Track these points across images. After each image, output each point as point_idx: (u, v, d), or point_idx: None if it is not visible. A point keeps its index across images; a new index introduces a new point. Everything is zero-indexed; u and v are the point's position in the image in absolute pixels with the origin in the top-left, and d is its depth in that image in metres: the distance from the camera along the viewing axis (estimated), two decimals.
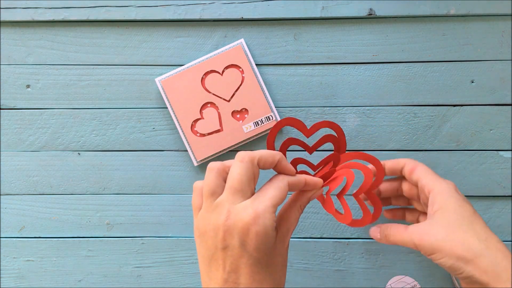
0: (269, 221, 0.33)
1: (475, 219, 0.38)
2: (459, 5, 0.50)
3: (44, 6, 0.51)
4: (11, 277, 0.52)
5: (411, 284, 0.51)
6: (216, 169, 0.35)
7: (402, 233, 0.39)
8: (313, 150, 0.44)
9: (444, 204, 0.38)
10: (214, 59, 0.50)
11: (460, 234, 0.36)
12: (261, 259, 0.33)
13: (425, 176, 0.41)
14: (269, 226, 0.33)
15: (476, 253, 0.35)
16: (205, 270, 0.35)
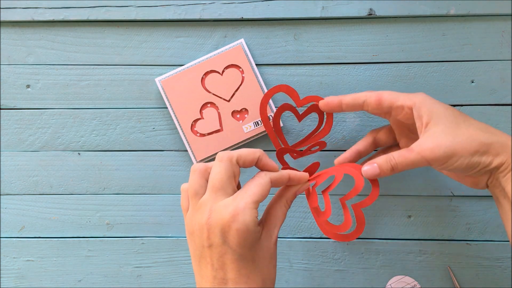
0: (249, 217, 0.33)
1: (465, 116, 0.38)
2: (459, 5, 0.50)
3: (44, 6, 0.51)
4: (11, 277, 0.52)
5: (411, 284, 0.51)
6: (198, 170, 0.37)
7: (408, 155, 0.37)
8: (302, 117, 0.47)
9: (432, 113, 0.38)
10: (214, 59, 0.50)
11: (464, 132, 0.36)
12: (245, 254, 0.34)
13: (397, 97, 0.40)
14: (250, 222, 0.33)
15: (486, 142, 0.36)
16: (197, 269, 0.36)
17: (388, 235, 0.51)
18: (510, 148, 0.36)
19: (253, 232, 0.34)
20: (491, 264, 0.51)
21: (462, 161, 0.36)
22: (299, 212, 0.52)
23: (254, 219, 0.34)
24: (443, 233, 0.51)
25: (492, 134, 0.37)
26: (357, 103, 0.42)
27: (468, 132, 0.37)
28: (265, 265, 0.36)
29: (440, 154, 0.36)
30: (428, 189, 0.51)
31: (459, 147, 0.36)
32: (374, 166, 0.38)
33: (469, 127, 0.37)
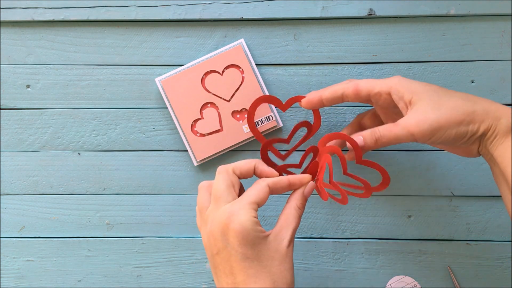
0: (244, 216, 0.34)
1: (445, 89, 0.38)
2: (459, 5, 0.50)
3: (44, 6, 0.51)
4: (11, 277, 0.52)
5: (411, 284, 0.51)
6: (203, 186, 0.40)
7: (393, 129, 0.38)
8: (289, 139, 0.47)
9: (412, 91, 0.38)
10: (214, 59, 0.50)
11: (448, 104, 0.37)
12: (248, 254, 0.35)
13: (373, 85, 0.40)
14: (246, 221, 0.34)
15: (470, 111, 0.36)
16: (216, 280, 0.37)
17: (388, 235, 0.51)
18: (493, 113, 0.36)
19: (252, 231, 0.34)
20: (491, 264, 0.51)
21: (450, 132, 0.36)
22: None
23: (251, 218, 0.35)
24: (443, 233, 0.51)
25: (475, 102, 0.37)
26: (337, 96, 0.42)
27: (452, 103, 0.37)
28: (275, 266, 0.35)
29: (426, 128, 0.36)
30: (428, 189, 0.51)
31: (444, 119, 0.36)
32: (359, 138, 0.39)
33: (451, 98, 0.37)
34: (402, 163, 0.51)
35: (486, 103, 0.37)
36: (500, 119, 0.36)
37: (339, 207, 0.51)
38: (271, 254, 0.36)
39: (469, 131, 0.36)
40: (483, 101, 0.37)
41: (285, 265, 0.36)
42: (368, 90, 0.40)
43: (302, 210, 0.39)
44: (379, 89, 0.39)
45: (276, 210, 0.52)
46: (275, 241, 0.36)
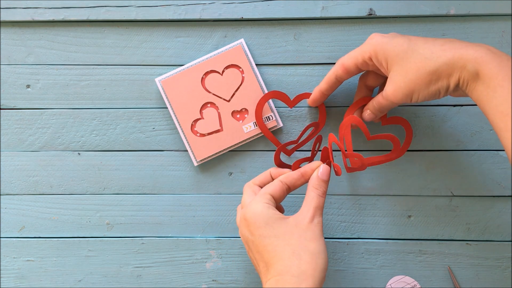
0: (257, 204, 0.38)
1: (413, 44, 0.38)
2: (459, 5, 0.50)
3: (44, 6, 0.51)
4: (11, 277, 0.52)
5: (411, 284, 0.51)
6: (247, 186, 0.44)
7: (381, 101, 0.42)
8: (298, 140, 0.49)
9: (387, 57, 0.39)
10: (214, 59, 0.50)
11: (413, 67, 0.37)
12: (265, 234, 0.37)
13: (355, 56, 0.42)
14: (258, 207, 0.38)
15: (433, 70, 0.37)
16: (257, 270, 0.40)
17: (388, 235, 0.51)
18: (458, 63, 0.36)
19: (264, 213, 0.37)
20: (491, 264, 0.51)
21: (423, 93, 0.38)
22: None
23: (264, 205, 0.38)
24: (443, 233, 0.51)
25: (439, 56, 0.37)
26: (332, 82, 0.45)
27: (416, 65, 0.37)
28: (294, 239, 0.36)
29: (400, 96, 0.39)
30: (428, 189, 0.51)
31: (412, 84, 0.38)
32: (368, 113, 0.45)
33: (416, 58, 0.38)
34: (402, 163, 0.51)
35: (451, 52, 0.36)
36: (465, 67, 0.35)
37: (339, 207, 0.51)
38: (289, 230, 0.37)
39: (440, 87, 0.37)
40: (449, 50, 0.36)
41: (306, 236, 0.37)
42: (354, 63, 0.42)
43: (320, 190, 0.40)
44: (361, 59, 0.41)
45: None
46: (295, 220, 0.38)
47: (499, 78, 0.34)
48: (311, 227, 0.37)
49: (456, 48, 0.36)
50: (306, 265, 0.35)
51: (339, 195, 0.51)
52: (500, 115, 0.34)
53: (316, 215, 0.38)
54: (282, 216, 0.38)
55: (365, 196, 0.51)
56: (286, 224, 0.37)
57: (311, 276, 0.35)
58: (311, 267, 0.35)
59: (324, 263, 0.36)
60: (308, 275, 0.35)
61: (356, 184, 0.51)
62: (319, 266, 0.35)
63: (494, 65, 0.34)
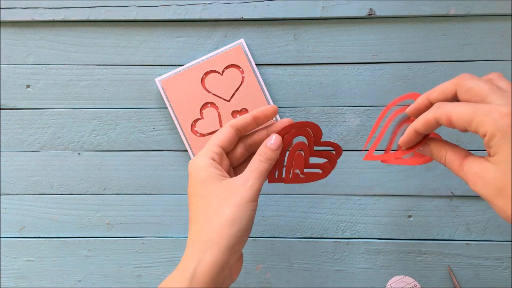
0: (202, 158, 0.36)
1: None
2: (459, 5, 0.50)
3: (44, 6, 0.51)
4: (11, 277, 0.52)
5: (411, 284, 0.51)
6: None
7: (456, 168, 0.33)
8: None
9: (499, 148, 0.29)
10: (214, 59, 0.50)
11: (502, 203, 0.29)
12: (196, 191, 0.36)
13: (471, 119, 0.30)
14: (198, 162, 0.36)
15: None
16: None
17: (388, 235, 0.51)
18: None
19: (205, 172, 0.35)
20: (491, 264, 0.51)
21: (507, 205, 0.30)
22: (299, 212, 0.52)
23: (207, 161, 0.36)
24: (443, 233, 0.51)
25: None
26: (430, 125, 0.33)
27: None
28: (216, 202, 0.34)
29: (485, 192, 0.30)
30: (428, 189, 0.51)
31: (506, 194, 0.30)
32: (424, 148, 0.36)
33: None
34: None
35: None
36: None
37: (339, 207, 0.51)
38: (218, 192, 0.34)
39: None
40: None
41: (230, 200, 0.34)
42: (463, 126, 0.31)
43: (264, 156, 0.36)
44: (475, 128, 0.30)
45: (276, 210, 0.52)
46: (231, 182, 0.35)
47: None
48: (240, 191, 0.34)
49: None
50: (214, 232, 0.33)
51: (339, 195, 0.51)
52: None
53: (251, 177, 0.35)
54: (221, 176, 0.35)
55: (365, 196, 0.51)
56: (219, 186, 0.35)
57: (216, 244, 0.33)
58: (218, 235, 0.33)
59: (237, 231, 0.33)
60: (213, 243, 0.33)
61: (356, 184, 0.51)
62: (227, 233, 0.33)
63: None
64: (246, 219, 0.34)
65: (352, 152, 0.51)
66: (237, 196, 0.34)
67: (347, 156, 0.51)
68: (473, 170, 0.31)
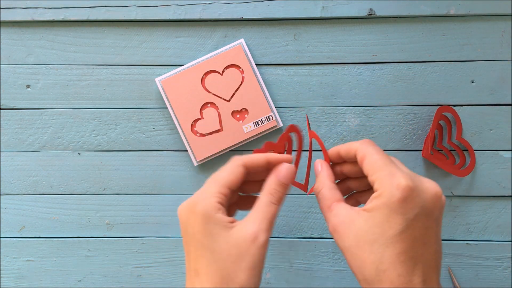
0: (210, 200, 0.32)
1: (392, 242, 0.30)
2: (459, 5, 0.50)
3: (44, 6, 0.51)
4: (11, 277, 0.52)
5: None
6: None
7: (325, 210, 0.34)
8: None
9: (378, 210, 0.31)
10: (214, 59, 0.50)
11: (363, 254, 0.30)
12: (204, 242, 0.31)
13: (373, 171, 0.32)
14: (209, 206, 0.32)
15: (368, 280, 0.30)
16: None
17: None
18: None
19: (212, 219, 0.31)
20: (491, 264, 0.51)
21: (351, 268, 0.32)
22: (299, 212, 0.52)
23: (215, 205, 0.32)
24: (443, 233, 0.51)
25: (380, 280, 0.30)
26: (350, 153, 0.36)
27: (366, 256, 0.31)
28: (229, 263, 0.31)
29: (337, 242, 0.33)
30: None
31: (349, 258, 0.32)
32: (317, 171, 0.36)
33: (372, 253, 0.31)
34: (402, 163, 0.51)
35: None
36: None
37: None
38: (228, 249, 0.31)
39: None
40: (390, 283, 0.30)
41: (243, 264, 0.31)
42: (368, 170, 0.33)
43: (275, 196, 0.34)
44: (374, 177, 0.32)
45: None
46: (238, 233, 0.31)
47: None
48: (250, 251, 0.31)
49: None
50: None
51: None
52: None
53: (261, 231, 0.31)
54: (229, 225, 0.32)
55: None
56: (228, 240, 0.31)
57: None
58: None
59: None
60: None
61: None
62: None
63: None
64: (258, 279, 0.32)
65: None
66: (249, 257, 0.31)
67: None
68: (338, 218, 0.32)
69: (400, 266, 0.29)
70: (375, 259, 0.30)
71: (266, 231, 0.32)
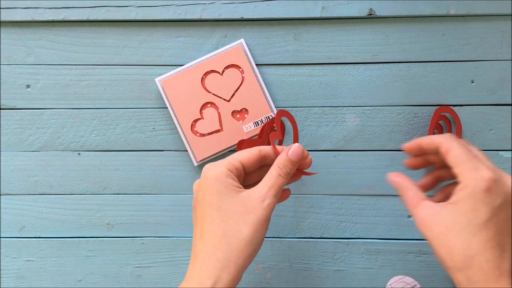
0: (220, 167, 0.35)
1: (479, 230, 0.31)
2: (459, 5, 0.50)
3: (44, 6, 0.51)
4: (11, 277, 0.52)
5: (411, 284, 0.51)
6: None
7: (412, 207, 0.35)
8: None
9: (463, 201, 0.32)
10: (214, 59, 0.50)
11: (452, 242, 0.32)
12: (212, 202, 0.34)
13: (457, 164, 0.34)
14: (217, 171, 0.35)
15: (458, 266, 0.32)
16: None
17: (388, 235, 0.51)
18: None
19: (222, 182, 0.35)
20: None
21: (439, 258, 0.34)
22: (299, 212, 0.52)
23: (225, 171, 0.35)
24: None
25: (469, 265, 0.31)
26: (433, 146, 0.37)
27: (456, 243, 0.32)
28: (233, 218, 0.34)
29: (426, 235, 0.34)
30: None
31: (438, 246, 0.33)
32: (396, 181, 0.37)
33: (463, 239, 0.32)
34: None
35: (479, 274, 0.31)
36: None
37: (339, 207, 0.51)
38: (235, 206, 0.34)
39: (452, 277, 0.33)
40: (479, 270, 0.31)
41: (247, 219, 0.34)
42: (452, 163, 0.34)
43: (284, 170, 0.36)
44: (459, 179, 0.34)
45: (276, 210, 0.52)
46: (247, 196, 0.35)
47: None
48: (257, 209, 0.34)
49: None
50: (231, 251, 0.33)
51: (339, 195, 0.51)
52: None
53: (269, 195, 0.35)
54: (237, 188, 0.35)
55: (365, 196, 0.51)
56: (235, 200, 0.34)
57: (234, 264, 0.33)
58: (235, 254, 0.33)
59: (253, 251, 0.34)
60: (231, 262, 0.33)
61: (356, 184, 0.51)
62: (245, 254, 0.34)
63: None
64: (261, 238, 0.35)
65: (352, 152, 0.51)
66: (254, 215, 0.34)
67: (347, 156, 0.51)
68: (424, 212, 0.34)
69: (488, 252, 0.31)
70: (463, 246, 0.31)
71: (273, 196, 0.35)
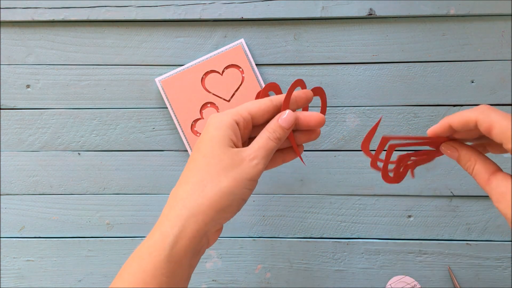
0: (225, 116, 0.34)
1: None
2: (459, 5, 0.50)
3: (44, 6, 0.51)
4: (11, 277, 0.52)
5: (411, 284, 0.51)
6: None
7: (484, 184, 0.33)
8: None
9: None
10: (214, 59, 0.50)
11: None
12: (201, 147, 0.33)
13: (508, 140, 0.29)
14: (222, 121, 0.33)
15: None
16: None
17: (388, 235, 0.51)
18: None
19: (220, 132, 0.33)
20: (491, 264, 0.51)
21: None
22: (299, 212, 0.52)
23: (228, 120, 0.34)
24: (443, 233, 0.51)
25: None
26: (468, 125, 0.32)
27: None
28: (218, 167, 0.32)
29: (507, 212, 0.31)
30: (428, 189, 0.51)
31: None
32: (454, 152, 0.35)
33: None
34: None
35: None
36: None
37: (339, 207, 0.51)
38: (222, 157, 0.32)
39: None
40: None
41: (231, 173, 0.32)
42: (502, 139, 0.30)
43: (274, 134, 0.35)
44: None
45: (276, 210, 0.52)
46: (237, 152, 0.33)
47: None
48: (243, 166, 0.32)
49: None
50: (203, 200, 0.31)
51: (339, 195, 0.51)
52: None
53: (258, 155, 0.33)
54: (231, 143, 0.33)
55: (365, 196, 0.51)
56: (225, 151, 0.33)
57: (202, 214, 0.31)
58: (207, 204, 0.31)
59: (227, 207, 0.32)
60: (200, 211, 0.31)
61: (356, 184, 0.51)
62: (218, 206, 0.31)
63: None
64: (240, 196, 0.32)
65: (352, 152, 0.51)
66: (238, 170, 0.32)
67: (347, 156, 0.51)
68: (500, 188, 0.31)
69: None
70: None
71: (262, 158, 0.33)
